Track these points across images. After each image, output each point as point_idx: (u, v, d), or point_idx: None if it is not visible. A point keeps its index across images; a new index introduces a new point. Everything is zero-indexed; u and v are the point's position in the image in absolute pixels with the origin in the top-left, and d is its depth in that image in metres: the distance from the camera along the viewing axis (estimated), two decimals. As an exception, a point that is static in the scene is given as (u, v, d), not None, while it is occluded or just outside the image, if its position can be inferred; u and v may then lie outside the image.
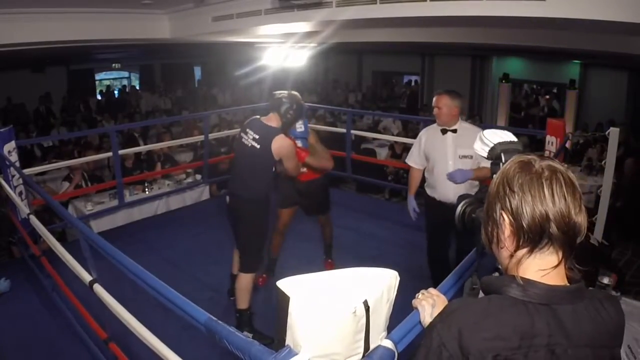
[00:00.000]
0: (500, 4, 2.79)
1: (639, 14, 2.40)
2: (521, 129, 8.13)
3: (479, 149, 1.16)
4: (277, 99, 2.71)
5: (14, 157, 3.66)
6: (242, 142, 2.69)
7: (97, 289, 2.10)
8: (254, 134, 2.65)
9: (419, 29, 4.69)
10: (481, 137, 1.15)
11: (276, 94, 2.76)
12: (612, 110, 8.74)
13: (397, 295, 1.03)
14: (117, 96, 12.60)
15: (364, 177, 5.58)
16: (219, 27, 4.62)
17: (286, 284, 0.92)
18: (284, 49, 5.97)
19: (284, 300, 0.91)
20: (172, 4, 4.78)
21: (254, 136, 2.64)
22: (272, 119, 2.70)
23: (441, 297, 1.12)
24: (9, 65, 9.04)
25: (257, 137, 2.63)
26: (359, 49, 12.12)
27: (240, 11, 4.30)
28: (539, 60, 9.78)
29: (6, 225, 3.95)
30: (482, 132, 1.17)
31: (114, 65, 13.10)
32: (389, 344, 1.05)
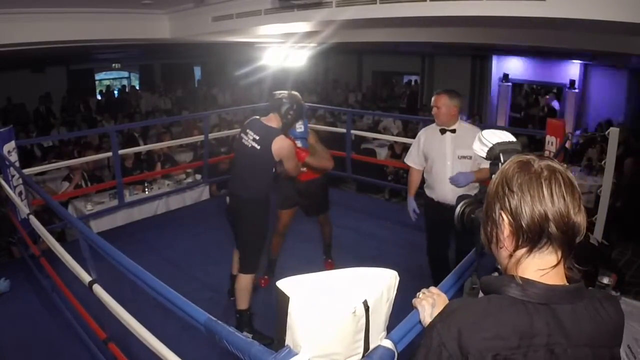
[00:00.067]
0: (500, 4, 2.79)
1: (639, 14, 2.40)
2: (521, 129, 8.15)
3: (477, 149, 1.16)
4: (277, 99, 2.71)
5: (13, 157, 3.66)
6: (242, 142, 2.68)
7: (97, 289, 2.10)
8: (254, 134, 2.64)
9: (419, 29, 4.69)
10: (480, 137, 1.16)
11: (276, 94, 2.75)
12: (612, 110, 8.73)
13: (397, 295, 1.03)
14: (117, 96, 12.60)
15: (364, 177, 5.58)
16: (219, 27, 4.62)
17: (286, 284, 0.92)
18: (284, 49, 5.96)
19: (283, 300, 0.91)
20: (172, 4, 4.78)
21: (254, 137, 2.64)
22: (272, 120, 2.70)
23: (441, 296, 1.12)
24: (9, 65, 9.03)
25: (258, 138, 2.62)
26: (359, 49, 12.11)
27: (240, 11, 4.30)
28: (539, 60, 9.77)
29: (6, 225, 3.95)
30: (480, 133, 1.17)
31: (114, 65, 13.09)
32: (388, 344, 1.05)
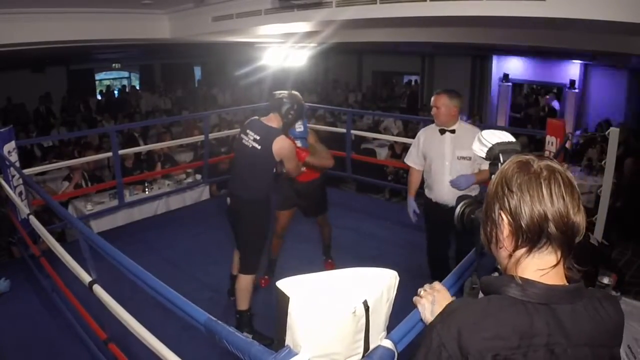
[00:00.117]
0: (500, 4, 2.79)
1: (639, 14, 2.40)
2: (521, 129, 8.14)
3: (477, 149, 1.16)
4: (277, 99, 2.70)
5: (14, 157, 3.66)
6: (242, 142, 2.68)
7: (97, 289, 2.10)
8: (254, 134, 2.64)
9: (419, 29, 4.69)
10: (479, 137, 1.16)
11: (276, 94, 2.74)
12: (612, 110, 8.73)
13: (397, 295, 1.03)
14: (117, 96, 12.60)
15: (364, 177, 5.58)
16: (219, 27, 4.62)
17: (286, 284, 0.92)
18: (284, 49, 5.97)
19: (283, 300, 0.90)
20: (172, 4, 4.79)
21: (255, 137, 2.63)
22: (272, 120, 2.69)
23: (442, 292, 1.10)
24: (9, 65, 9.04)
25: (258, 138, 2.62)
26: (359, 49, 12.12)
27: (240, 11, 4.30)
28: (539, 60, 9.78)
29: (6, 225, 3.95)
30: (480, 133, 1.17)
31: (114, 65, 13.09)
32: (388, 344, 1.05)
